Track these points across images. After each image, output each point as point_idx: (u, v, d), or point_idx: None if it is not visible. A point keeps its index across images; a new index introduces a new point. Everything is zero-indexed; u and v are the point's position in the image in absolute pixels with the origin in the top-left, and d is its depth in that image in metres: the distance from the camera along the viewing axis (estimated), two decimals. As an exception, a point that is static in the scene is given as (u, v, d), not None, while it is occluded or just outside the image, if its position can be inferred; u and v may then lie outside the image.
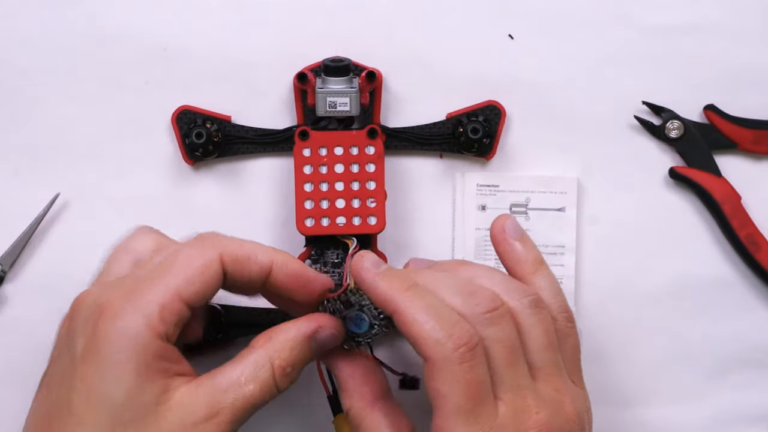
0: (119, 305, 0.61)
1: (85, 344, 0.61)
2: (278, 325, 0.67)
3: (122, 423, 0.60)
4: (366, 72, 0.75)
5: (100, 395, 0.60)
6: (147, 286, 0.62)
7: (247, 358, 0.64)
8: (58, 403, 0.62)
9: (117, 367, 0.60)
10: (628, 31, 0.80)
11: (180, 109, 0.77)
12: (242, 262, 0.65)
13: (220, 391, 0.62)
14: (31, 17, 0.79)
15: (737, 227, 0.79)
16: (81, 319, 0.62)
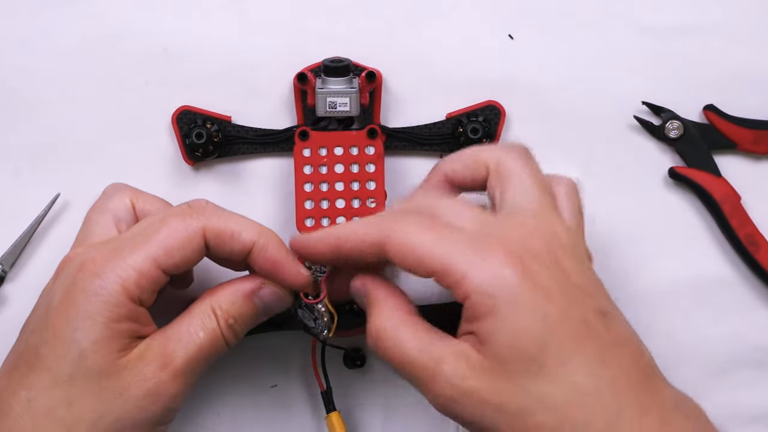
0: (100, 264, 0.65)
1: (61, 296, 0.65)
2: (223, 283, 0.70)
3: (85, 369, 0.64)
4: (366, 72, 0.75)
5: (68, 342, 0.64)
6: (128, 251, 0.65)
7: (194, 310, 0.68)
8: (27, 350, 0.65)
9: (88, 318, 0.64)
10: (628, 31, 0.80)
11: (180, 110, 0.77)
12: (224, 239, 0.67)
13: (172, 340, 0.66)
14: (31, 17, 0.79)
15: (737, 227, 0.79)
16: (63, 275, 0.66)
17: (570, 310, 0.61)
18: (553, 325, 0.60)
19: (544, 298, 0.60)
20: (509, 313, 0.60)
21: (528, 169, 0.67)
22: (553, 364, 0.59)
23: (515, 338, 0.59)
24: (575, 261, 0.64)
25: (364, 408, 0.81)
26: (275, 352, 0.80)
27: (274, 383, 0.80)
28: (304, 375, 0.80)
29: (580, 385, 0.59)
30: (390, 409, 0.81)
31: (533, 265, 0.61)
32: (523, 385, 0.59)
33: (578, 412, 0.59)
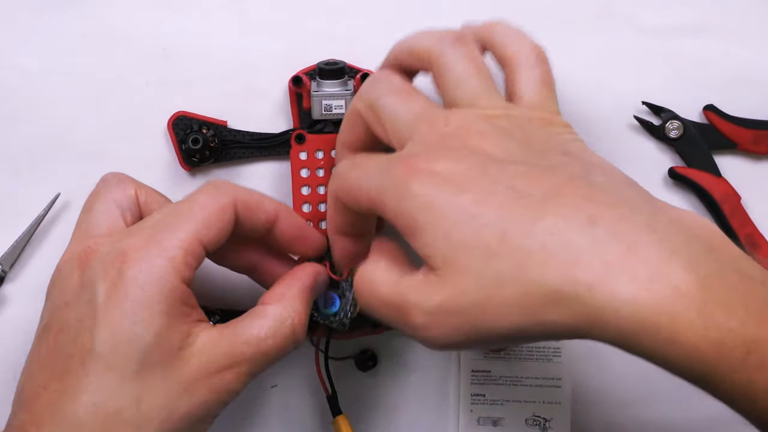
0: (143, 249, 0.63)
1: (107, 289, 0.62)
2: (279, 282, 0.69)
3: (150, 364, 0.62)
4: (361, 74, 0.75)
5: (130, 337, 0.61)
6: (169, 231, 0.64)
7: (267, 314, 0.66)
8: (79, 350, 0.62)
9: (146, 309, 0.62)
10: (628, 31, 0.80)
11: (176, 115, 0.77)
12: (252, 209, 0.68)
13: (241, 342, 0.65)
14: (31, 17, 0.79)
15: (737, 227, 0.79)
16: (98, 266, 0.63)
17: (488, 188, 0.56)
18: (471, 209, 0.56)
19: (455, 191, 0.57)
20: (429, 221, 0.56)
21: (459, 56, 0.65)
22: (495, 239, 0.54)
23: (447, 240, 0.56)
24: (503, 137, 0.61)
25: (368, 409, 0.81)
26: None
27: (274, 383, 0.81)
28: (305, 374, 0.80)
29: (519, 226, 0.54)
30: (393, 410, 0.81)
31: (442, 166, 0.58)
32: (482, 267, 0.55)
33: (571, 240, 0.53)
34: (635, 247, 0.52)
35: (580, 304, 0.52)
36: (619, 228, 0.53)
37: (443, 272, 0.56)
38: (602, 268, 0.51)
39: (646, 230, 0.53)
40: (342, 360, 0.80)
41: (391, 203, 0.58)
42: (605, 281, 0.51)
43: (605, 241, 0.52)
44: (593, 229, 0.53)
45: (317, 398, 0.80)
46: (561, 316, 0.52)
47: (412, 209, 0.57)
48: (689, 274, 0.51)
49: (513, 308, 0.54)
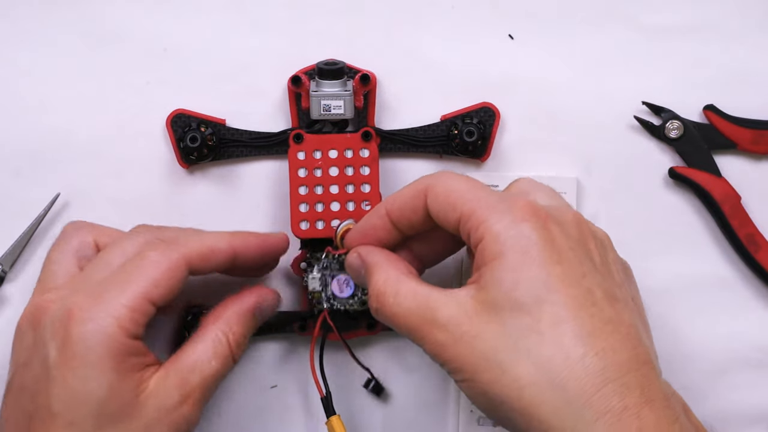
0: (88, 309, 0.65)
1: (57, 349, 0.64)
2: (223, 303, 0.72)
3: (107, 417, 0.64)
4: (360, 75, 0.75)
5: (84, 395, 0.63)
6: (115, 290, 0.66)
7: (205, 337, 0.69)
8: (39, 410, 0.64)
9: (96, 367, 0.64)
10: (628, 31, 0.80)
11: (174, 113, 0.77)
12: (207, 258, 0.69)
13: (188, 372, 0.67)
14: (31, 17, 0.79)
15: (737, 227, 0.78)
16: (48, 325, 0.66)
17: (578, 277, 0.62)
18: (555, 285, 0.61)
19: (554, 257, 0.62)
20: (515, 261, 0.61)
21: (545, 187, 0.70)
22: (547, 322, 0.60)
23: (514, 287, 0.61)
24: (600, 247, 0.66)
25: (362, 409, 0.81)
26: (275, 352, 0.81)
27: (274, 383, 0.81)
28: (304, 375, 0.80)
29: (568, 348, 0.60)
30: (393, 410, 0.81)
31: (555, 229, 0.63)
32: (513, 336, 0.60)
33: (560, 372, 0.59)
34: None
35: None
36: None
37: (490, 310, 0.61)
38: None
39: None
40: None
41: (494, 224, 0.62)
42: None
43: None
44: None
45: (315, 399, 0.80)
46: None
47: (508, 241, 0.62)
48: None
49: (502, 395, 0.60)
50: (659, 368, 0.65)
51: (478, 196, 0.65)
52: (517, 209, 0.63)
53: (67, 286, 0.69)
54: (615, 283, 0.65)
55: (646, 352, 0.62)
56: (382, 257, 0.69)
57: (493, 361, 0.61)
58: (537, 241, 0.62)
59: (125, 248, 0.70)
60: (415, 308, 0.64)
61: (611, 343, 0.60)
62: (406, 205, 0.68)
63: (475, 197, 0.64)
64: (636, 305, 0.67)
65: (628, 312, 0.64)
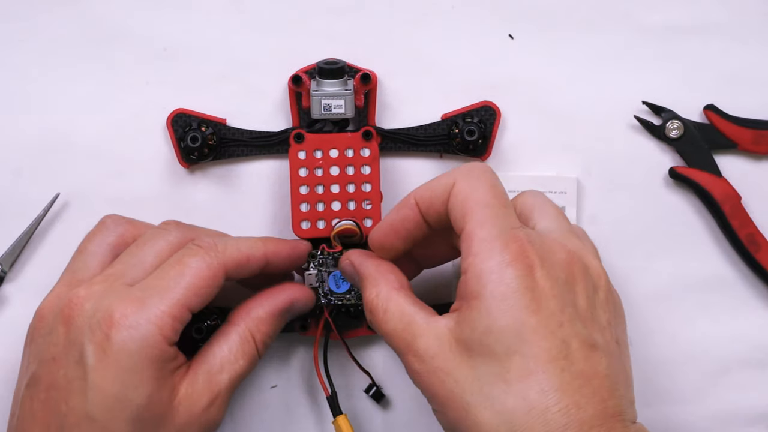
0: (130, 315, 0.64)
1: (96, 352, 0.64)
2: (255, 298, 0.72)
3: (142, 423, 0.64)
4: (361, 74, 0.75)
5: (123, 401, 0.64)
6: (157, 297, 0.66)
7: (231, 335, 0.69)
8: (72, 412, 0.64)
9: (137, 375, 0.64)
10: (628, 31, 0.80)
11: (175, 113, 0.77)
12: (243, 266, 0.70)
13: (215, 373, 0.68)
14: (31, 17, 0.79)
15: (737, 227, 0.78)
16: (85, 326, 0.65)
17: (555, 328, 0.62)
18: (528, 336, 0.61)
19: (531, 307, 0.61)
20: (492, 306, 0.61)
21: (551, 204, 0.71)
22: (515, 373, 0.60)
23: (487, 333, 0.61)
24: (590, 287, 0.65)
25: (364, 409, 0.81)
26: (275, 352, 0.80)
27: (275, 383, 0.80)
28: (304, 375, 0.80)
29: (531, 401, 0.60)
30: (394, 410, 0.81)
31: (541, 274, 0.62)
32: (481, 380, 0.61)
33: (520, 424, 0.60)
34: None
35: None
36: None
37: (464, 351, 0.62)
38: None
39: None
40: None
41: (481, 262, 0.62)
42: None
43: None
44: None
45: (317, 398, 0.80)
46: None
47: (489, 285, 0.62)
48: None
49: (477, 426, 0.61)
50: (634, 414, 0.65)
51: (484, 221, 0.64)
52: (507, 251, 0.62)
53: (100, 282, 0.68)
54: (597, 328, 0.65)
55: (616, 404, 0.62)
56: (373, 269, 0.70)
57: (460, 401, 0.62)
58: (516, 289, 0.61)
59: (159, 247, 0.70)
60: (400, 330, 0.65)
61: (577, 399, 0.60)
62: (436, 197, 0.67)
63: (481, 221, 0.64)
64: (619, 349, 0.67)
65: (606, 360, 0.63)
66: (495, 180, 0.67)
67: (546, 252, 0.64)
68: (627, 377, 0.66)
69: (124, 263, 0.69)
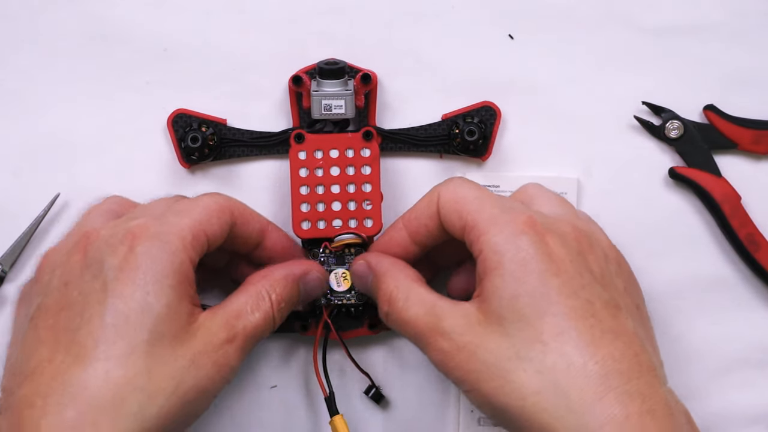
0: (155, 228, 0.65)
1: (119, 264, 0.63)
2: (271, 266, 0.72)
3: (160, 336, 0.63)
4: (361, 74, 0.75)
5: (142, 307, 0.62)
6: (177, 217, 0.67)
7: (249, 291, 0.69)
8: (87, 322, 0.63)
9: (158, 282, 0.63)
10: (628, 31, 0.80)
11: (175, 113, 0.77)
12: (246, 218, 0.71)
13: (233, 317, 0.67)
14: (31, 17, 0.79)
15: (737, 227, 0.78)
16: (104, 246, 0.65)
17: (577, 288, 0.63)
18: (554, 296, 0.62)
19: (552, 269, 0.63)
20: (514, 272, 0.63)
21: (552, 193, 0.73)
22: (548, 333, 0.62)
23: (515, 299, 0.62)
24: (602, 257, 0.67)
25: (363, 409, 0.81)
26: (275, 352, 0.80)
27: (274, 383, 0.80)
28: (304, 375, 0.80)
29: (570, 357, 0.61)
30: (393, 410, 0.81)
31: (553, 241, 0.64)
32: (516, 346, 0.62)
33: (562, 380, 0.60)
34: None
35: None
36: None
37: (494, 321, 0.63)
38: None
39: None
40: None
41: (493, 237, 0.64)
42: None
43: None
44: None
45: (317, 399, 0.80)
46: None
47: (507, 254, 0.64)
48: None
49: (506, 403, 0.62)
50: (664, 376, 0.65)
51: (482, 207, 0.66)
52: (516, 223, 0.64)
53: (113, 222, 0.69)
54: (617, 292, 0.66)
55: (648, 359, 0.63)
56: (390, 264, 0.71)
57: (496, 370, 0.62)
58: (534, 254, 0.63)
59: (164, 200, 0.72)
60: (423, 315, 0.66)
61: (611, 351, 0.61)
62: (422, 214, 0.70)
63: (479, 208, 0.66)
64: (640, 314, 0.68)
65: (631, 320, 0.64)
66: (475, 183, 0.69)
67: (552, 225, 0.66)
68: (652, 341, 0.68)
69: (134, 212, 0.70)
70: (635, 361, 0.62)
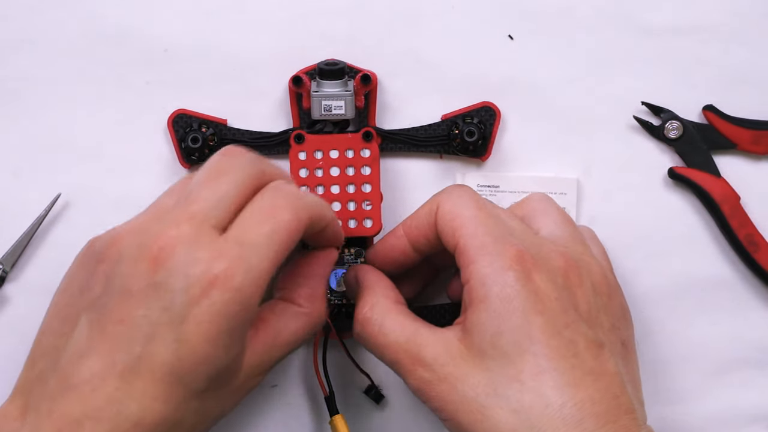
0: (234, 276, 0.60)
1: (189, 306, 0.59)
2: (310, 277, 0.70)
3: (216, 382, 0.62)
4: (361, 75, 0.75)
5: (210, 360, 0.61)
6: (257, 258, 0.61)
7: (301, 318, 0.68)
8: (148, 355, 0.60)
9: (230, 337, 0.61)
10: (628, 31, 0.80)
11: (175, 113, 0.77)
12: (316, 223, 0.66)
13: (279, 346, 0.67)
14: (31, 17, 0.79)
15: (736, 227, 0.79)
16: (178, 274, 0.60)
17: (561, 328, 0.63)
18: (536, 335, 0.62)
19: (536, 308, 0.63)
20: (498, 308, 0.63)
21: (556, 209, 0.72)
22: (528, 372, 0.62)
23: (497, 336, 0.63)
24: (590, 292, 0.67)
25: (363, 409, 0.81)
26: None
27: (274, 383, 0.81)
28: (305, 375, 0.80)
29: (547, 397, 0.61)
30: (389, 409, 0.81)
31: (539, 278, 0.64)
32: (495, 382, 0.62)
33: (538, 421, 0.61)
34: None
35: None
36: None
37: (475, 355, 0.63)
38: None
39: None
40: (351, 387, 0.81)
41: (482, 268, 0.64)
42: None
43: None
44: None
45: (317, 399, 0.80)
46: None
47: (493, 288, 0.64)
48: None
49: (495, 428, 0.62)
50: (644, 416, 0.66)
51: (476, 232, 0.66)
52: (505, 257, 0.64)
53: (186, 221, 0.61)
54: (602, 330, 0.66)
55: (628, 401, 0.63)
56: (374, 281, 0.71)
57: (474, 405, 0.62)
58: (520, 291, 0.63)
59: (239, 180, 0.64)
60: (403, 342, 0.66)
61: (591, 393, 0.61)
62: (421, 223, 0.70)
63: (473, 232, 0.66)
64: (626, 351, 0.68)
65: (613, 360, 0.64)
66: (477, 195, 0.69)
67: (542, 258, 0.66)
68: (634, 378, 0.67)
69: (205, 200, 0.63)
70: (614, 403, 0.62)
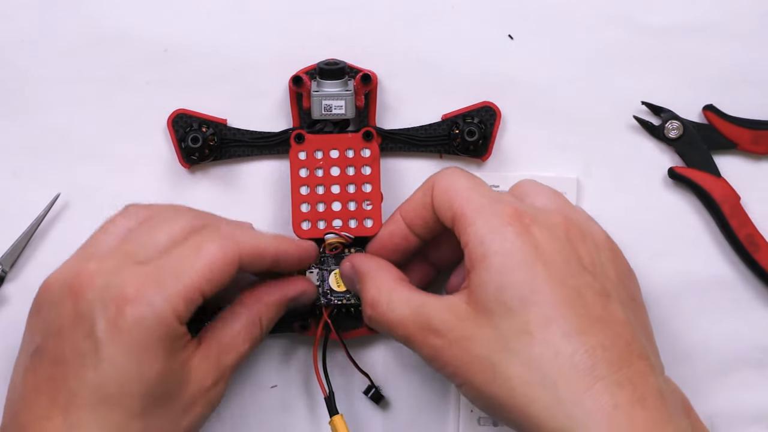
0: (146, 293, 0.64)
1: (108, 327, 0.63)
2: (267, 285, 0.73)
3: (154, 399, 0.64)
4: (361, 74, 0.75)
5: (136, 377, 0.63)
6: (172, 279, 0.65)
7: (242, 317, 0.70)
8: (83, 387, 0.63)
9: (149, 352, 0.63)
10: (628, 31, 0.80)
11: (175, 113, 0.77)
12: (255, 258, 0.69)
13: (224, 353, 0.69)
14: (31, 17, 0.79)
15: (736, 227, 0.78)
16: (96, 300, 0.64)
17: (565, 278, 0.63)
18: (540, 286, 0.63)
19: (537, 260, 0.63)
20: (499, 264, 0.63)
21: (548, 188, 0.72)
22: (535, 324, 0.62)
23: (501, 291, 0.63)
24: (593, 246, 0.67)
25: (363, 409, 0.81)
26: (275, 352, 0.81)
27: (275, 383, 0.81)
28: (304, 375, 0.80)
29: (557, 346, 0.61)
30: (393, 410, 0.81)
31: (539, 232, 0.65)
32: (504, 338, 0.62)
33: (550, 370, 0.61)
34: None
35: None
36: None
37: (481, 314, 0.64)
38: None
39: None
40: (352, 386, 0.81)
41: (479, 228, 0.65)
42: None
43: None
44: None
45: (317, 399, 0.80)
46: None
47: (492, 245, 0.64)
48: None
49: (497, 395, 0.63)
50: (660, 364, 0.66)
51: (471, 197, 0.67)
52: (502, 214, 0.65)
53: (110, 257, 0.67)
54: (608, 281, 0.66)
55: (641, 348, 0.63)
56: (373, 265, 0.72)
57: (486, 363, 0.63)
58: (520, 246, 0.63)
59: (173, 229, 0.69)
60: (409, 314, 0.66)
61: (601, 340, 0.61)
62: (418, 204, 0.70)
63: (468, 198, 0.67)
64: (635, 304, 0.68)
65: (623, 309, 0.65)
66: (471, 174, 0.70)
67: (540, 216, 0.66)
68: (647, 330, 0.68)
69: (136, 242, 0.68)
70: (626, 350, 0.62)
